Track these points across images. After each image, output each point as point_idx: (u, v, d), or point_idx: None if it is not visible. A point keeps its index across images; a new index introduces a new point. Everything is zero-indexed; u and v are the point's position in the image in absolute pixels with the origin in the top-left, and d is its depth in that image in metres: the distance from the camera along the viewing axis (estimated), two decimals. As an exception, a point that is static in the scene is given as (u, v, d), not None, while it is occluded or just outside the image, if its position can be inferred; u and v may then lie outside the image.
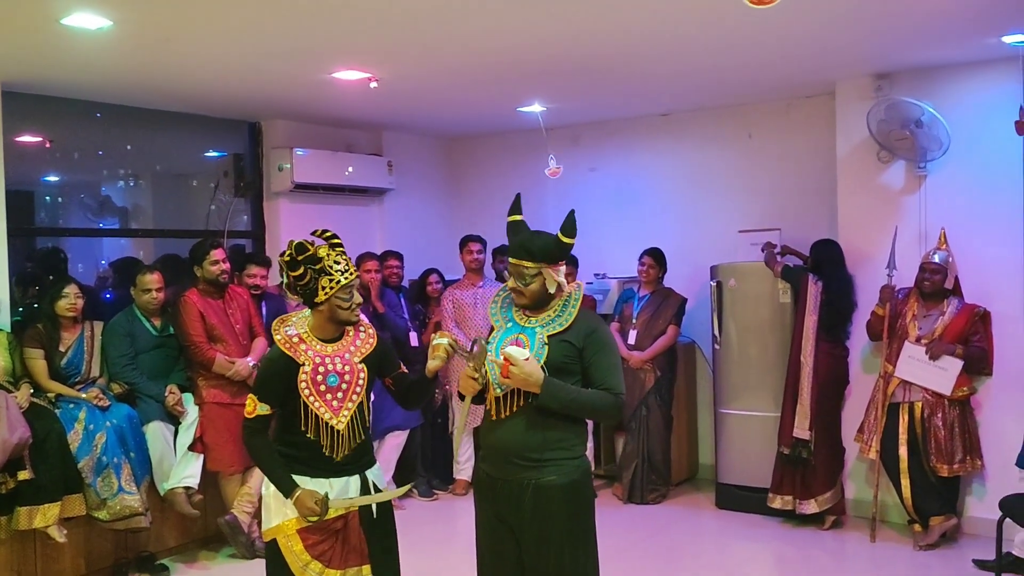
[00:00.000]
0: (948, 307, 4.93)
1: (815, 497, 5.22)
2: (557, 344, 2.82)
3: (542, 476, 2.77)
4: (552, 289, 2.87)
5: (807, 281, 5.25)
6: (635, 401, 5.83)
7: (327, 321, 2.93)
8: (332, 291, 2.86)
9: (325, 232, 3.01)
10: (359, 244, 6.40)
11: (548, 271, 2.85)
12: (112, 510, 4.42)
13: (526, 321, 2.90)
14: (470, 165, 7.63)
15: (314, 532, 2.87)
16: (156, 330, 4.93)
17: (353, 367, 2.94)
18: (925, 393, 4.86)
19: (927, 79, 5.17)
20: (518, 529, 2.81)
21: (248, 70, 4.86)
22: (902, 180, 5.31)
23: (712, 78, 5.41)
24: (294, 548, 2.87)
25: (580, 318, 2.86)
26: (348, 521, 2.92)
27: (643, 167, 6.77)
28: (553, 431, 2.79)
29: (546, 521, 2.77)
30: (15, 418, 4.17)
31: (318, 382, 2.87)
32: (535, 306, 2.89)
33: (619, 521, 5.52)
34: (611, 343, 2.88)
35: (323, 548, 2.87)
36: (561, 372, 2.80)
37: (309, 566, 2.86)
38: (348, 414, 2.90)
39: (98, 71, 4.73)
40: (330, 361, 2.91)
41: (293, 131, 6.44)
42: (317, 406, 2.87)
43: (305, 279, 2.85)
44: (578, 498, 2.82)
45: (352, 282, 2.90)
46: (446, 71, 5.00)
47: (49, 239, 6.05)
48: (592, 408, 2.82)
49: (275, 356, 2.91)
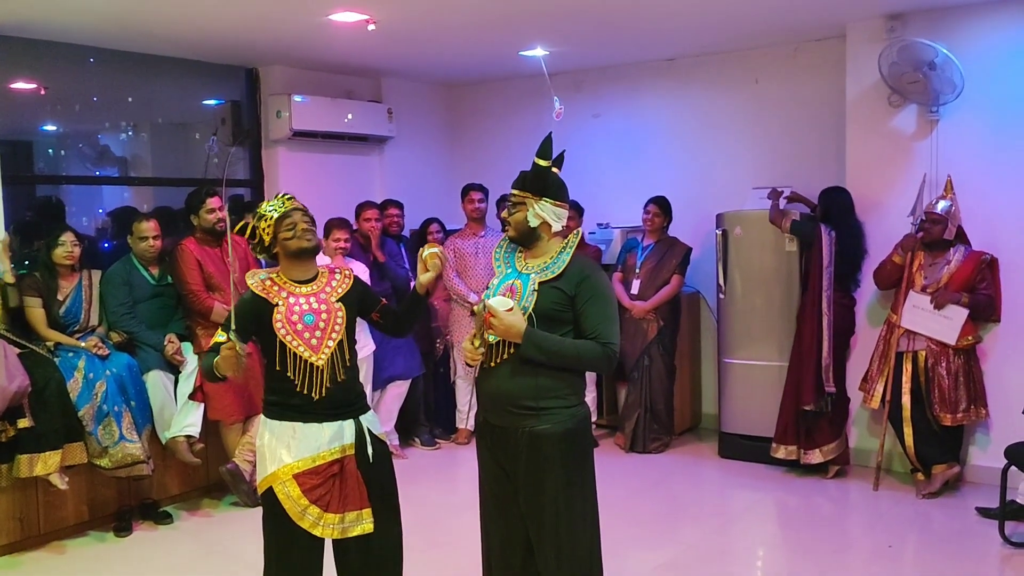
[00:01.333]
0: (954, 255, 4.86)
1: (820, 447, 5.20)
2: (548, 291, 2.75)
3: (537, 424, 2.73)
4: (533, 223, 2.79)
5: (820, 232, 5.14)
6: (638, 351, 5.80)
7: (289, 260, 2.96)
8: (271, 228, 2.92)
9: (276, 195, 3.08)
10: (359, 193, 6.32)
11: (532, 202, 2.78)
12: (114, 458, 4.42)
13: (523, 267, 2.85)
14: (471, 112, 7.50)
15: (311, 476, 2.85)
16: (154, 279, 4.89)
17: (330, 306, 2.95)
18: (929, 342, 4.81)
19: (941, 19, 5.02)
20: (514, 476, 2.79)
21: (245, 12, 4.73)
22: (914, 125, 5.19)
23: (719, 21, 5.27)
24: (291, 493, 2.84)
25: (574, 265, 2.78)
26: (344, 465, 2.90)
27: (648, 114, 6.65)
28: (546, 378, 2.73)
29: (541, 469, 2.73)
30: (13, 366, 4.16)
31: (294, 321, 2.88)
32: (524, 242, 2.84)
33: (621, 470, 5.53)
34: (605, 292, 2.78)
35: (320, 492, 2.85)
36: (552, 320, 2.74)
37: (308, 511, 2.84)
38: (328, 351, 2.89)
39: (90, 12, 4.61)
40: (304, 301, 2.93)
41: (291, 77, 6.32)
42: (295, 344, 2.86)
43: (251, 234, 2.97)
44: (574, 447, 2.77)
45: (287, 212, 2.93)
46: (446, 12, 4.87)
47: (48, 188, 5.99)
48: (578, 359, 2.73)
49: (247, 297, 2.96)
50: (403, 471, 3.16)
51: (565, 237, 2.88)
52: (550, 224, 2.80)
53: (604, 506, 2.92)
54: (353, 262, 5.42)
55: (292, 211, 2.94)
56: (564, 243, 2.84)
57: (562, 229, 2.86)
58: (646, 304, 5.75)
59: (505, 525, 2.86)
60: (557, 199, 2.81)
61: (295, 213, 2.94)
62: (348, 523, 2.88)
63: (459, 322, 6.01)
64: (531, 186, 2.80)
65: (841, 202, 5.21)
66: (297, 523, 2.83)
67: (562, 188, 2.84)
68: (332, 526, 2.86)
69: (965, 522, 4.54)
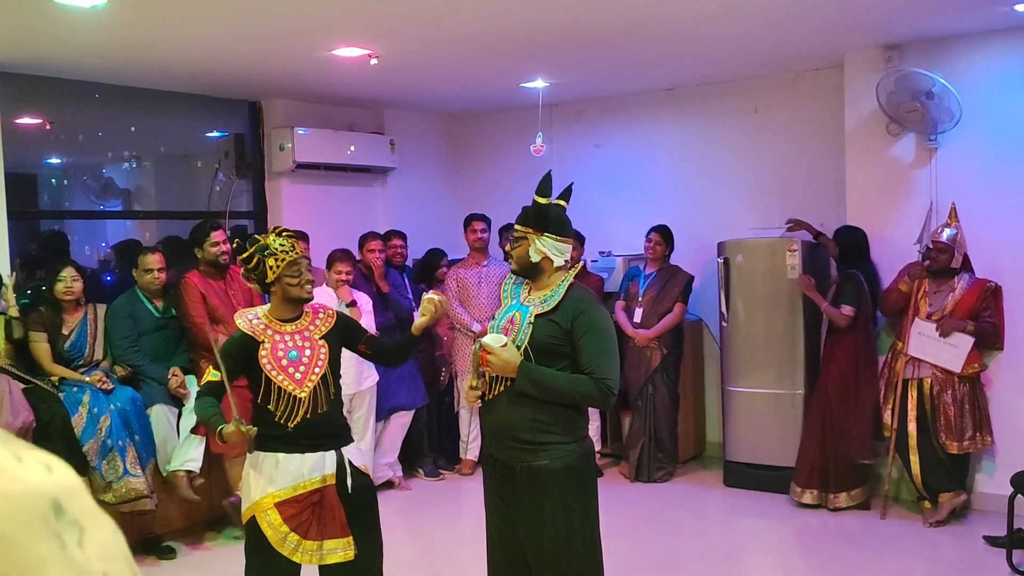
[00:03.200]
0: (959, 283, 4.86)
1: (847, 491, 5.07)
2: (544, 324, 2.76)
3: (535, 460, 2.73)
4: (535, 258, 2.81)
5: (862, 285, 5.03)
6: (641, 379, 5.80)
7: (282, 302, 3.05)
8: (280, 269, 2.99)
9: (276, 228, 3.15)
10: (362, 224, 6.35)
11: (534, 237, 2.81)
12: (118, 493, 4.41)
13: (526, 300, 2.88)
14: (473, 143, 7.55)
15: (291, 505, 2.93)
16: (158, 312, 4.91)
17: (313, 343, 3.05)
18: (935, 370, 4.81)
19: (938, 49, 5.07)
20: (515, 510, 2.80)
21: (247, 48, 4.79)
22: (912, 153, 5.23)
23: (718, 51, 5.32)
24: (272, 521, 2.92)
25: (570, 297, 2.78)
26: (324, 494, 2.98)
27: (648, 143, 6.69)
28: (544, 413, 2.74)
29: (540, 507, 2.74)
30: (18, 402, 4.16)
31: (279, 357, 2.98)
32: (527, 276, 2.88)
33: (626, 499, 5.50)
34: (601, 325, 2.76)
35: (300, 520, 2.93)
36: (549, 354, 2.74)
37: (287, 537, 2.92)
38: (311, 385, 2.99)
39: (94, 51, 4.67)
40: (289, 338, 3.03)
41: (294, 110, 6.38)
42: (280, 379, 2.96)
43: (253, 263, 3.01)
44: (574, 483, 2.77)
45: (297, 259, 3.02)
46: (447, 46, 4.92)
47: (53, 222, 6.03)
48: (571, 394, 2.73)
49: (236, 336, 3.06)
50: (407, 503, 3.18)
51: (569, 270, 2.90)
52: (552, 259, 2.82)
53: (608, 536, 2.92)
54: (357, 293, 5.44)
55: (301, 259, 3.03)
56: (564, 276, 2.85)
57: (565, 263, 2.87)
58: (649, 332, 5.76)
59: (509, 558, 2.86)
60: (560, 234, 2.82)
61: (303, 262, 3.04)
62: (327, 551, 2.96)
63: (462, 351, 6.01)
64: (532, 222, 2.83)
65: (857, 242, 5.17)
66: (277, 549, 2.91)
67: (565, 223, 2.86)
68: (311, 553, 2.94)
69: (973, 551, 4.51)
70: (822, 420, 5.12)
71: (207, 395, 2.99)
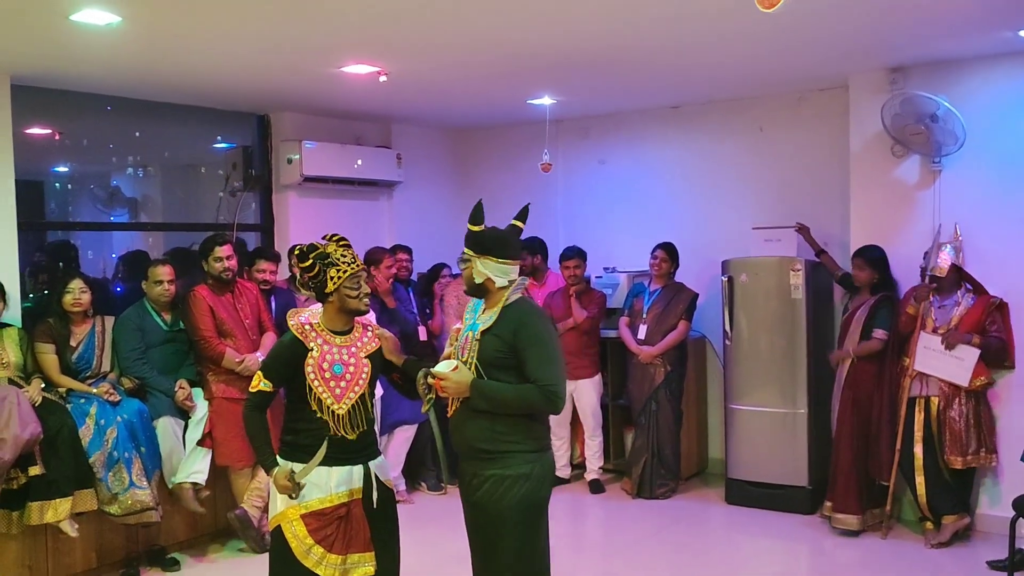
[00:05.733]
0: (963, 297, 4.89)
1: (870, 510, 5.09)
2: (488, 339, 2.92)
3: (491, 469, 2.89)
4: (478, 280, 2.97)
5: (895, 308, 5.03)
6: (645, 396, 5.82)
7: (337, 312, 3.07)
8: (340, 280, 3.00)
9: (334, 236, 3.16)
10: (369, 237, 6.38)
11: (476, 260, 2.96)
12: (123, 504, 4.43)
13: (479, 319, 3.01)
14: (479, 157, 7.59)
15: (317, 518, 2.96)
16: (167, 325, 4.93)
17: (358, 360, 3.08)
18: (942, 385, 4.82)
19: (943, 73, 5.11)
20: (475, 516, 2.98)
21: (257, 65, 4.83)
22: (917, 175, 5.26)
23: (723, 71, 5.36)
24: (297, 532, 2.96)
25: (509, 311, 2.93)
26: (351, 509, 3.01)
27: (653, 160, 6.73)
28: (502, 423, 2.89)
29: (487, 512, 2.91)
30: (26, 414, 4.17)
31: (324, 368, 3.00)
32: (476, 296, 3.04)
33: (628, 516, 5.52)
34: (540, 335, 2.91)
35: (326, 533, 2.96)
36: (498, 368, 2.90)
37: (312, 550, 2.95)
38: (349, 403, 3.02)
39: (107, 66, 4.72)
40: (337, 351, 3.05)
41: (301, 124, 6.42)
42: (321, 390, 2.99)
43: (314, 271, 3.01)
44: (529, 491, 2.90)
45: (359, 272, 3.04)
46: (456, 64, 4.97)
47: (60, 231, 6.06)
48: (521, 404, 2.89)
49: (287, 340, 3.07)
50: (410, 516, 3.26)
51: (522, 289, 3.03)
52: (494, 280, 2.96)
53: (610, 552, 3.00)
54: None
55: (361, 272, 3.07)
56: (506, 294, 2.97)
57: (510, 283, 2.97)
58: (653, 349, 5.79)
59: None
60: (501, 256, 2.95)
61: (363, 275, 3.08)
62: (350, 564, 2.99)
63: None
64: (472, 246, 2.98)
65: (885, 261, 5.14)
66: (301, 561, 2.94)
67: (506, 245, 2.98)
68: (335, 567, 2.97)
69: (975, 574, 4.52)
70: (853, 443, 5.08)
71: (257, 411, 3.03)
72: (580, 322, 5.89)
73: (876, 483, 5.08)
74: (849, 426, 5.11)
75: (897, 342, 5.04)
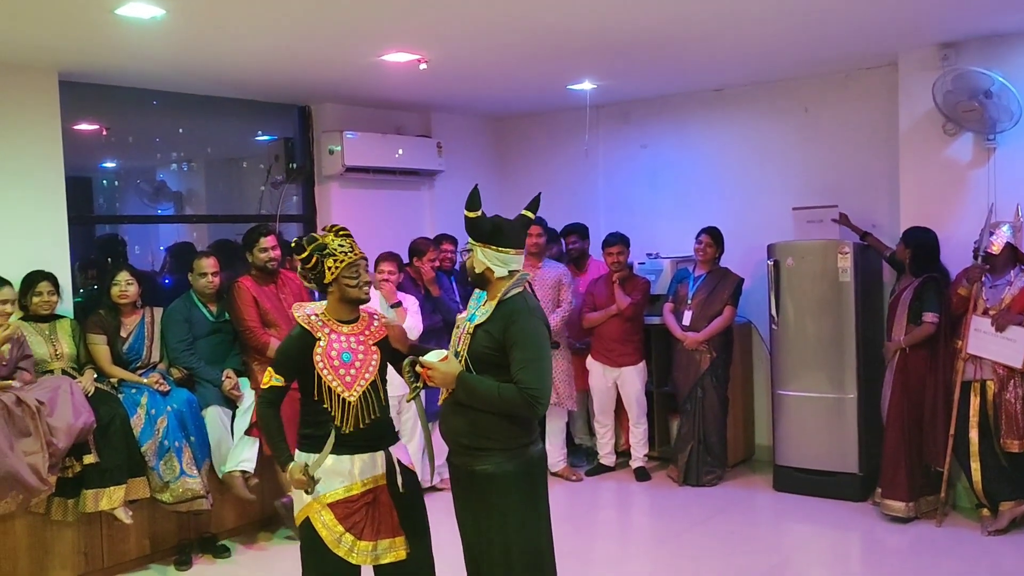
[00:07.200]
0: (1016, 277, 4.76)
1: (923, 497, 5.00)
2: (480, 334, 2.84)
3: (477, 464, 2.84)
4: (478, 269, 2.90)
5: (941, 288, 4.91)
6: (691, 382, 5.77)
7: (340, 302, 3.07)
8: (339, 270, 3.00)
9: (334, 226, 3.17)
10: (410, 227, 6.40)
11: (477, 248, 2.90)
12: (174, 492, 4.50)
13: (480, 309, 2.94)
14: (520, 145, 7.56)
15: (345, 505, 2.98)
16: (213, 316, 4.99)
17: (367, 347, 3.08)
18: (996, 367, 4.69)
19: (996, 47, 4.95)
20: (461, 511, 2.95)
21: (298, 55, 4.85)
22: (970, 153, 5.12)
23: (767, 51, 5.26)
24: (327, 521, 2.97)
25: (503, 308, 2.83)
26: (377, 495, 3.03)
27: (696, 144, 6.64)
28: (483, 419, 2.82)
29: (477, 508, 2.86)
30: (79, 403, 4.27)
31: (332, 357, 3.00)
32: (479, 286, 2.96)
33: (675, 503, 5.47)
34: (528, 335, 2.78)
35: (355, 520, 2.97)
36: (487, 364, 2.82)
37: (343, 538, 2.96)
38: (360, 390, 3.01)
39: (151, 59, 4.77)
40: (345, 340, 3.05)
41: (342, 114, 6.44)
42: (330, 379, 2.98)
43: (312, 262, 3.03)
44: (513, 489, 2.83)
45: (357, 261, 3.04)
46: (495, 50, 4.94)
47: (108, 226, 6.17)
48: (500, 404, 2.77)
49: (296, 333, 3.07)
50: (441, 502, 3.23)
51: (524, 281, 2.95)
52: (493, 270, 2.88)
53: (656, 540, 2.95)
54: (403, 295, 5.48)
55: (360, 260, 3.06)
56: (506, 286, 2.88)
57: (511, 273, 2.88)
58: (699, 335, 5.72)
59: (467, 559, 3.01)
60: (501, 245, 2.87)
61: (362, 263, 3.06)
62: (381, 550, 3.01)
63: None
64: (471, 233, 2.92)
65: (930, 244, 5.00)
66: (332, 550, 2.95)
67: (507, 235, 2.89)
68: (365, 553, 2.98)
69: (1033, 561, 4.42)
70: (904, 428, 4.97)
71: (271, 407, 3.03)
72: (624, 309, 5.84)
73: (931, 469, 4.98)
74: (900, 411, 5.01)
75: (949, 324, 4.92)
